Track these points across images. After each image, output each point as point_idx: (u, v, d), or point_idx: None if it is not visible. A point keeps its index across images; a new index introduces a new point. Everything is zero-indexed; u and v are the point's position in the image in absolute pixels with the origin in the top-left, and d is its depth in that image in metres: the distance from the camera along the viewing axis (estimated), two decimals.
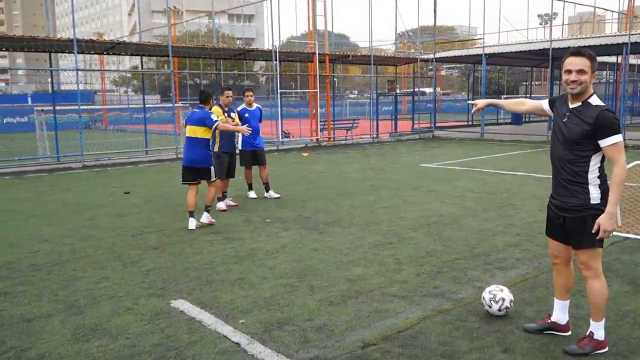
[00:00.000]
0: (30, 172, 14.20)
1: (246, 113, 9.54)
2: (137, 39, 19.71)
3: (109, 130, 34.75)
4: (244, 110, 9.59)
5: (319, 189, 10.86)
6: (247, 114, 9.54)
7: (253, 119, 9.55)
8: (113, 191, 10.95)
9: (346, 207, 9.03)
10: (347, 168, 14.12)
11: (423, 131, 25.21)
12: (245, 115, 9.49)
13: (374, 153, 17.98)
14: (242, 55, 19.95)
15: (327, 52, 20.59)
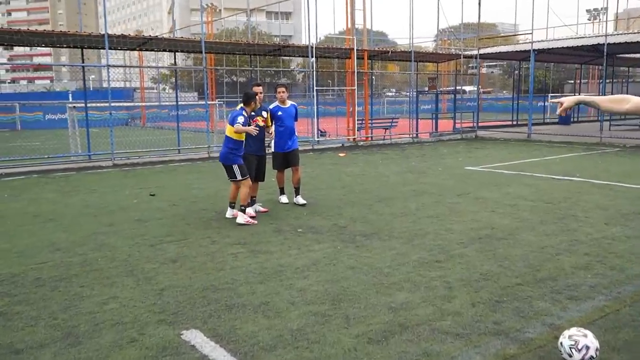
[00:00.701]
0: (59, 171, 13.83)
1: (279, 111, 8.78)
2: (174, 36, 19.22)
3: (146, 127, 34.71)
4: (276, 108, 8.82)
5: (355, 194, 10.06)
6: (280, 112, 8.78)
7: (287, 117, 8.81)
8: (139, 193, 10.39)
9: (386, 215, 8.20)
10: (386, 170, 13.26)
11: (465, 131, 24.08)
12: (278, 113, 8.75)
13: (413, 154, 17.06)
14: (277, 51, 19.28)
15: (365, 48, 19.72)
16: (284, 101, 8.86)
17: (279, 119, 8.76)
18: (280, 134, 8.80)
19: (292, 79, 63.76)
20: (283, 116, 8.77)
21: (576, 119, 32.53)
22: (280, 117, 8.77)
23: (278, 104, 8.85)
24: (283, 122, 8.77)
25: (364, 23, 19.45)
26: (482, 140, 22.06)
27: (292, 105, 9.00)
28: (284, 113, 8.80)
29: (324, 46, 18.75)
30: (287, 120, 8.78)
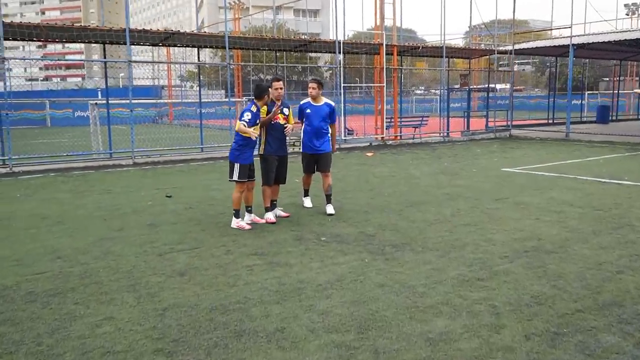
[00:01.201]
0: (78, 169, 13.43)
1: (308, 108, 7.95)
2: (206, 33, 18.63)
3: (173, 124, 34.49)
4: (306, 104, 7.99)
5: (384, 197, 9.35)
6: (308, 109, 7.95)
7: (316, 116, 7.90)
8: (155, 194, 9.85)
9: (418, 222, 7.47)
10: (417, 171, 12.49)
11: (499, 130, 23.08)
12: (306, 110, 7.95)
13: (445, 154, 16.23)
14: (303, 47, 18.63)
15: (395, 44, 18.94)
16: (316, 98, 7.98)
17: (307, 117, 7.97)
18: (307, 134, 8.01)
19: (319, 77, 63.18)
20: (311, 114, 7.93)
21: (615, 117, 31.12)
22: (307, 115, 7.96)
23: (309, 101, 8.02)
24: (310, 121, 7.94)
25: (394, 17, 18.66)
26: (517, 140, 21.05)
27: (326, 104, 8.03)
28: (312, 111, 7.94)
29: (352, 41, 18.02)
30: (315, 120, 7.88)
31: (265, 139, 7.56)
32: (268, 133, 7.54)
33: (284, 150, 7.78)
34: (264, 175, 7.60)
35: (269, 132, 7.53)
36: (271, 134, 7.55)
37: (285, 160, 7.83)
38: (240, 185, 7.22)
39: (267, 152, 7.55)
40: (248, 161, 7.19)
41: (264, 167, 7.59)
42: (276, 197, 7.90)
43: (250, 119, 7.08)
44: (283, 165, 7.78)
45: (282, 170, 7.79)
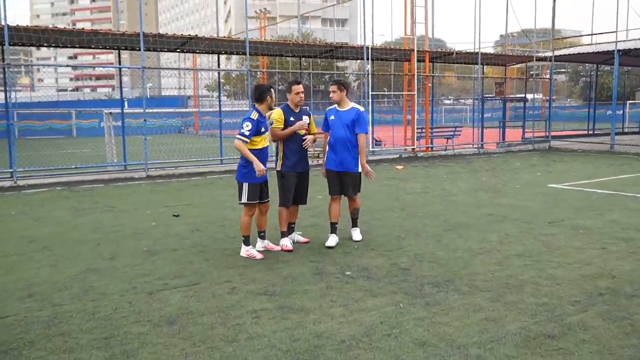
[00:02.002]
0: (87, 182, 12.59)
1: (332, 115, 6.70)
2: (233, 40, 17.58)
3: (199, 135, 33.82)
4: (331, 111, 6.75)
5: (418, 218, 8.19)
6: (332, 116, 6.70)
7: (338, 124, 6.58)
8: (162, 212, 8.87)
9: (461, 252, 6.30)
10: (453, 187, 11.29)
11: (537, 141, 21.66)
12: (330, 118, 6.73)
13: (482, 167, 14.96)
14: (329, 53, 17.60)
15: (427, 49, 17.79)
16: (341, 103, 6.69)
17: (330, 126, 6.68)
18: (330, 147, 6.69)
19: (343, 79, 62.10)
20: (333, 122, 6.63)
21: None
22: (330, 122, 6.67)
23: (335, 106, 6.75)
24: (333, 130, 6.64)
25: (426, 21, 17.52)
26: (558, 152, 19.62)
27: (353, 110, 6.64)
28: (337, 117, 6.62)
29: (381, 47, 16.95)
30: (338, 129, 6.56)
31: (283, 152, 6.50)
32: (285, 145, 6.48)
33: (305, 165, 6.66)
34: (282, 195, 6.53)
35: (287, 144, 6.48)
36: (289, 146, 6.48)
37: (306, 177, 6.73)
38: (250, 208, 6.17)
39: (285, 167, 6.49)
40: (259, 179, 6.10)
41: (282, 185, 6.52)
42: (294, 220, 6.82)
43: (252, 130, 5.96)
44: (304, 183, 6.67)
45: (303, 188, 6.67)
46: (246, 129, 5.95)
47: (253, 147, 6.05)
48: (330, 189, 6.79)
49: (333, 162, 6.69)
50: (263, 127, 6.12)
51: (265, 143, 6.18)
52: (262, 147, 6.14)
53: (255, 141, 6.05)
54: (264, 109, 6.18)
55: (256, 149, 6.07)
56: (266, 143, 6.19)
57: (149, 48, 14.29)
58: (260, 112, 6.14)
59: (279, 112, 6.44)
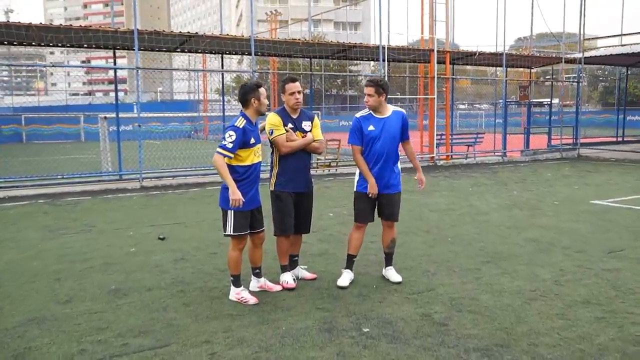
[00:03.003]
0: (73, 194, 11.39)
1: (371, 124, 5.19)
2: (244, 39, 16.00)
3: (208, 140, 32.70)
4: (365, 119, 5.22)
5: (448, 245, 6.86)
6: (371, 125, 5.20)
7: (384, 137, 5.16)
8: (146, 234, 7.61)
9: (509, 295, 4.96)
10: (482, 203, 9.93)
11: (565, 149, 20.18)
12: (367, 128, 5.18)
13: (510, 178, 13.57)
14: (342, 53, 16.33)
15: (447, 50, 16.44)
16: (379, 108, 5.23)
17: (367, 139, 5.20)
18: (370, 162, 5.22)
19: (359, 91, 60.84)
20: (375, 135, 5.16)
21: None
22: (369, 135, 5.18)
23: (370, 112, 5.26)
24: (373, 143, 5.17)
25: (447, 18, 16.16)
26: (590, 161, 18.13)
27: (397, 115, 5.27)
28: (378, 127, 5.17)
29: (397, 46, 15.62)
30: (383, 142, 5.14)
31: (278, 166, 5.17)
32: (281, 158, 5.14)
33: (307, 184, 5.29)
34: (278, 221, 5.20)
35: (283, 157, 5.15)
36: (286, 159, 5.13)
37: (309, 200, 5.35)
38: (239, 241, 4.86)
39: (281, 187, 5.14)
40: (248, 205, 4.79)
41: (277, 209, 5.19)
42: (297, 251, 5.50)
43: (236, 141, 4.65)
44: (305, 207, 5.31)
45: (304, 214, 5.31)
46: (229, 140, 4.63)
47: (239, 164, 4.75)
48: (359, 216, 5.37)
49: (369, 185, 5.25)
50: (253, 137, 4.79)
51: (256, 158, 4.85)
52: (250, 164, 4.80)
53: (240, 156, 4.74)
54: (251, 115, 4.89)
55: (243, 165, 4.76)
56: (257, 158, 4.86)
57: (146, 47, 13.11)
58: (249, 119, 4.84)
59: (275, 117, 5.13)
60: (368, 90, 5.20)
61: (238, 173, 4.74)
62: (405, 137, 5.35)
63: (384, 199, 5.29)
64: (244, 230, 4.79)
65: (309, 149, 5.20)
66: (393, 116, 5.26)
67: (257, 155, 4.87)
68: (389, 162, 5.22)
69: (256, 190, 4.89)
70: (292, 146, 5.05)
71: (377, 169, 5.21)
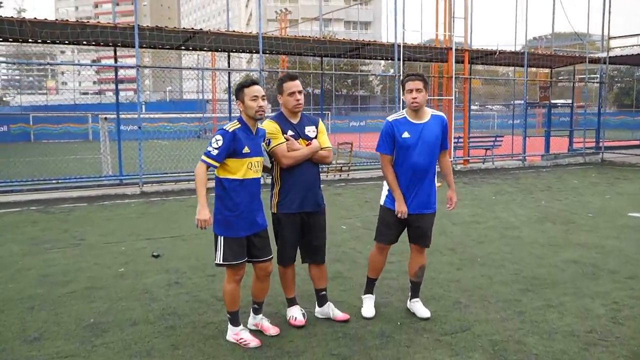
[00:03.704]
0: (68, 201, 10.68)
1: (405, 131, 4.34)
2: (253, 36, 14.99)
3: None
4: (399, 123, 4.38)
5: (478, 267, 6.04)
6: (406, 132, 4.34)
7: (422, 146, 4.33)
8: (140, 250, 6.86)
9: (562, 337, 4.14)
10: (509, 215, 9.09)
11: (587, 153, 19.25)
12: (402, 135, 4.33)
13: (534, 185, 12.70)
14: (355, 52, 15.53)
15: (466, 48, 15.59)
16: (419, 111, 4.36)
17: (401, 148, 4.35)
18: (403, 176, 4.39)
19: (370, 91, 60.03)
20: (411, 142, 4.31)
21: None
22: (404, 142, 4.32)
23: (405, 116, 4.39)
24: (408, 154, 4.32)
25: (465, 15, 15.33)
26: (615, 166, 17.19)
27: (437, 120, 4.41)
28: (415, 135, 4.31)
29: (414, 45, 14.79)
30: (420, 152, 4.31)
31: (279, 183, 4.33)
32: (283, 172, 4.31)
33: (316, 202, 4.37)
34: (279, 248, 4.38)
35: (285, 171, 4.29)
36: (289, 174, 4.29)
37: (321, 220, 4.47)
38: (234, 271, 4.06)
39: (284, 208, 4.29)
40: (243, 231, 4.01)
41: (277, 235, 4.36)
42: (323, 285, 4.56)
43: (222, 147, 3.85)
44: (316, 231, 4.42)
45: (316, 238, 4.43)
46: (214, 146, 3.85)
47: (226, 176, 3.97)
48: (382, 236, 4.59)
49: (406, 202, 4.43)
50: (247, 146, 3.98)
51: (252, 173, 4.03)
52: (243, 179, 3.98)
53: (228, 166, 3.94)
54: (247, 120, 4.07)
55: (230, 179, 3.96)
56: (254, 174, 4.04)
57: (149, 45, 12.38)
58: (245, 124, 4.04)
59: (271, 124, 4.28)
60: (416, 84, 4.29)
61: (224, 188, 3.97)
62: (444, 147, 4.53)
63: (416, 219, 4.47)
64: (238, 259, 4.00)
65: (316, 159, 4.34)
66: (432, 122, 4.40)
67: (255, 170, 4.05)
68: (425, 177, 4.40)
69: (256, 211, 4.10)
70: (295, 157, 4.21)
71: (411, 184, 4.39)
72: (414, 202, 4.42)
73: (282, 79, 4.31)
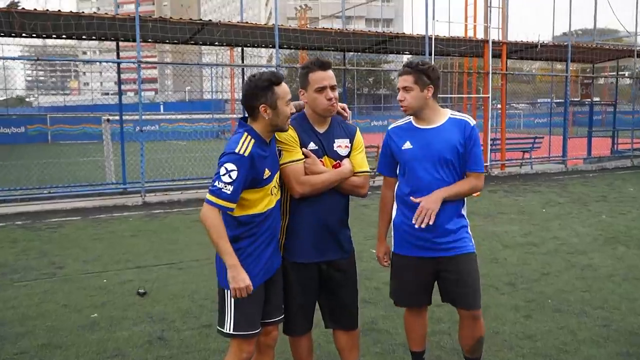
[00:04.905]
0: (59, 213, 9.52)
1: (407, 140, 3.14)
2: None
3: None
4: (403, 128, 3.20)
5: (552, 315, 4.64)
6: (408, 141, 3.12)
7: (430, 160, 3.05)
8: (123, 284, 5.60)
9: None
10: (569, 233, 7.64)
11: (636, 155, 17.58)
12: (402, 145, 3.13)
13: (586, 195, 11.18)
14: (381, 45, 14.14)
15: (504, 40, 14.10)
16: (422, 111, 3.10)
17: (406, 160, 3.14)
18: (402, 202, 3.18)
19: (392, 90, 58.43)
20: (415, 152, 3.09)
21: None
22: (407, 155, 3.12)
23: (411, 121, 3.19)
24: (416, 166, 3.08)
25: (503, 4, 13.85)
26: None
27: (455, 123, 3.12)
28: (418, 143, 3.10)
29: (446, 37, 13.37)
30: (429, 167, 3.06)
31: (288, 218, 2.98)
32: (295, 204, 2.96)
33: (341, 247, 3.06)
34: (287, 312, 3.00)
35: (298, 201, 2.94)
36: (305, 206, 2.94)
37: (348, 273, 3.11)
38: (242, 344, 2.77)
39: (294, 255, 2.98)
40: (260, 277, 2.76)
41: (286, 290, 2.98)
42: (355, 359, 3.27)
43: (239, 180, 2.60)
44: (341, 285, 3.07)
45: (343, 296, 3.09)
46: (225, 180, 2.58)
47: (244, 213, 2.72)
48: (397, 297, 3.31)
49: (414, 238, 3.11)
50: (267, 167, 2.73)
51: (273, 198, 2.80)
52: (263, 211, 2.75)
53: (247, 201, 2.71)
54: (263, 131, 2.77)
55: (251, 215, 2.73)
56: (274, 198, 2.82)
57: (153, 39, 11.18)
58: (260, 138, 2.75)
59: (290, 132, 2.91)
60: (403, 80, 3.06)
61: (242, 226, 2.72)
62: (472, 166, 3.11)
63: (442, 266, 3.11)
64: (253, 328, 2.74)
65: (346, 189, 3.00)
66: (447, 126, 3.10)
67: (275, 192, 2.82)
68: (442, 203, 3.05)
69: (274, 249, 2.85)
70: (315, 183, 2.87)
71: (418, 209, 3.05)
72: (429, 236, 3.06)
73: (308, 66, 2.94)
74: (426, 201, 3.00)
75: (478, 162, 3.13)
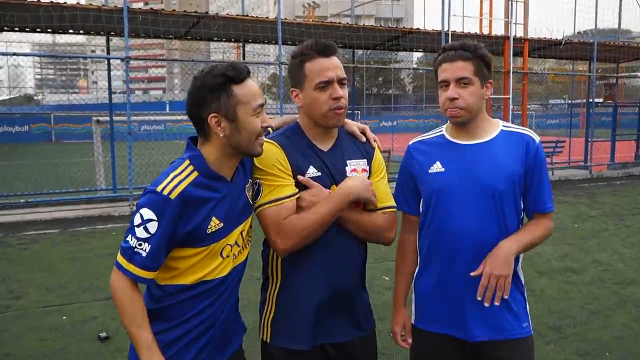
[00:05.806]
0: (36, 225, 8.61)
1: (438, 161, 2.08)
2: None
3: None
4: (429, 144, 2.14)
5: None
6: (439, 162, 2.07)
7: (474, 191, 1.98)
8: (86, 321, 4.66)
9: None
10: (610, 256, 6.62)
11: None
12: (430, 168, 2.08)
13: (619, 206, 10.13)
14: (393, 41, 13.15)
15: (526, 37, 13.05)
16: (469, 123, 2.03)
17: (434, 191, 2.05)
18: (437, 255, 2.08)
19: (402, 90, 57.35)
20: (450, 179, 2.02)
21: None
22: (436, 183, 2.04)
23: (444, 133, 2.14)
24: (449, 201, 2.01)
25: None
26: None
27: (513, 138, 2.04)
28: (456, 165, 2.04)
29: (463, 33, 12.36)
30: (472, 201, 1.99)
31: (278, 285, 2.00)
32: (287, 263, 1.97)
33: (354, 323, 2.04)
34: None
35: (292, 258, 1.94)
36: (299, 261, 1.94)
37: (367, 353, 2.11)
38: None
39: (284, 336, 1.96)
40: None
41: None
42: None
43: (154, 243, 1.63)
44: None
45: None
46: (139, 236, 1.66)
47: (174, 283, 1.76)
48: None
49: (440, 312, 2.10)
50: (217, 215, 1.75)
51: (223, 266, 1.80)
52: (212, 279, 1.78)
53: (178, 266, 1.76)
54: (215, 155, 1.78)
55: (184, 285, 1.76)
56: (227, 266, 1.81)
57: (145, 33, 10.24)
58: (209, 170, 1.77)
59: (271, 151, 1.93)
60: (458, 69, 1.98)
61: (169, 295, 1.78)
62: (540, 205, 2.09)
63: (482, 352, 2.05)
64: None
65: (365, 230, 2.01)
66: (500, 142, 2.05)
67: (234, 253, 1.85)
68: (475, 254, 2.00)
69: (227, 328, 1.90)
70: (304, 226, 1.86)
71: (456, 269, 2.03)
72: (468, 316, 2.04)
73: (303, 52, 1.95)
74: (492, 263, 1.96)
75: (548, 198, 2.12)
